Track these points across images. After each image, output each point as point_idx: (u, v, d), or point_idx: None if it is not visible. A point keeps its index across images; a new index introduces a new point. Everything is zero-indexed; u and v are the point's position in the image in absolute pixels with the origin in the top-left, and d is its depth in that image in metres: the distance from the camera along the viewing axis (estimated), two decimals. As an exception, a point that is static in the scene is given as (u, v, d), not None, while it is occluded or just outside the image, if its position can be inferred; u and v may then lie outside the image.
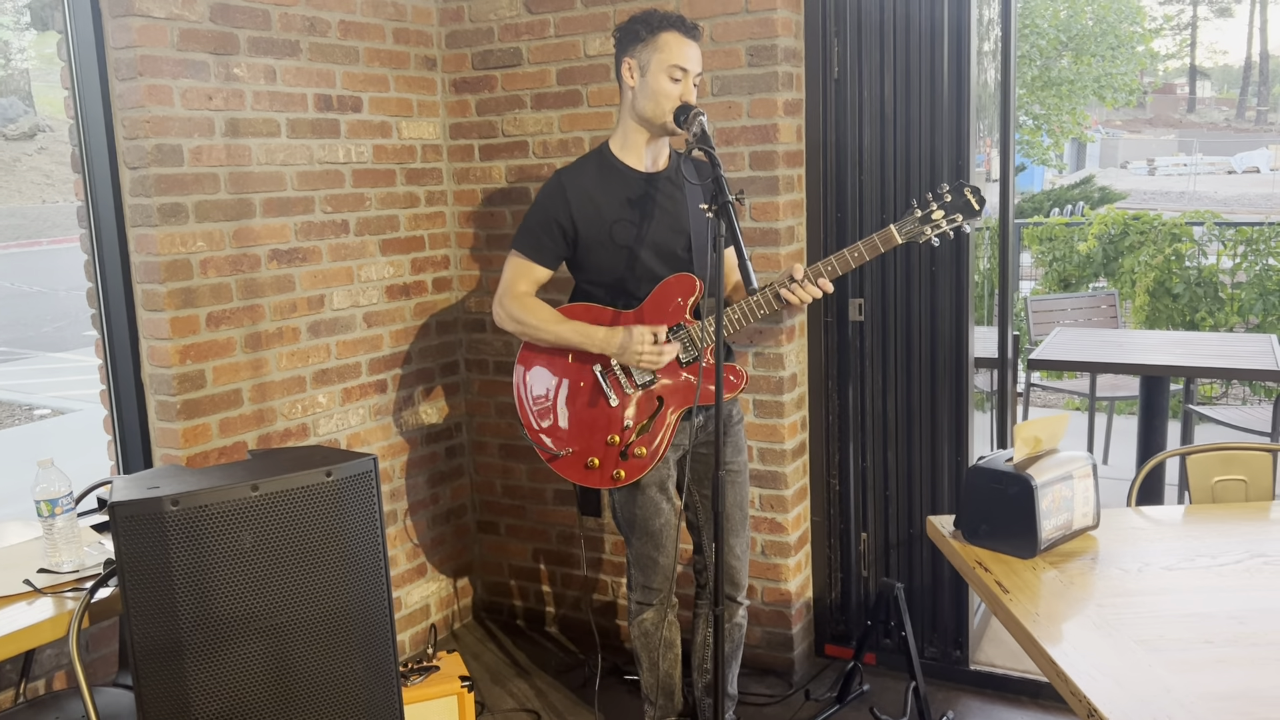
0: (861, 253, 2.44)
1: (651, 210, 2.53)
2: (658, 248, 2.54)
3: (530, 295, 2.61)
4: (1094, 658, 1.63)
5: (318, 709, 1.86)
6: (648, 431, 2.54)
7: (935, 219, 2.44)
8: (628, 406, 2.56)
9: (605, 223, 2.53)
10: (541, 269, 2.60)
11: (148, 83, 2.67)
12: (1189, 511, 2.31)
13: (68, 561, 2.17)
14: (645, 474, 2.56)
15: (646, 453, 2.54)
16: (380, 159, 3.38)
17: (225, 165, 2.88)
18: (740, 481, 2.72)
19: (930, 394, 3.18)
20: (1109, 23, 14.49)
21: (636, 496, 2.63)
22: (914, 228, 2.45)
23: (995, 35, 3.41)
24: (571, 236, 2.56)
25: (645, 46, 2.45)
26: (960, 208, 2.44)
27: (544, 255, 2.59)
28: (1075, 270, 7.14)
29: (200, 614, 1.72)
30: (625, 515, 2.67)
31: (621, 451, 2.55)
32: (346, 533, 1.86)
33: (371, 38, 3.31)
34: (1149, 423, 4.14)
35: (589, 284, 2.62)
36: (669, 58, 2.42)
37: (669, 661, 2.76)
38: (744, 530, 2.75)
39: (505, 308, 2.61)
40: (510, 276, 2.62)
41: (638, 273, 2.54)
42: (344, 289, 3.27)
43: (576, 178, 2.57)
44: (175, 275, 2.77)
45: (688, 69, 2.43)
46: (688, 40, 2.45)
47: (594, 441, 2.57)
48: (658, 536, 2.64)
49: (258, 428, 3.02)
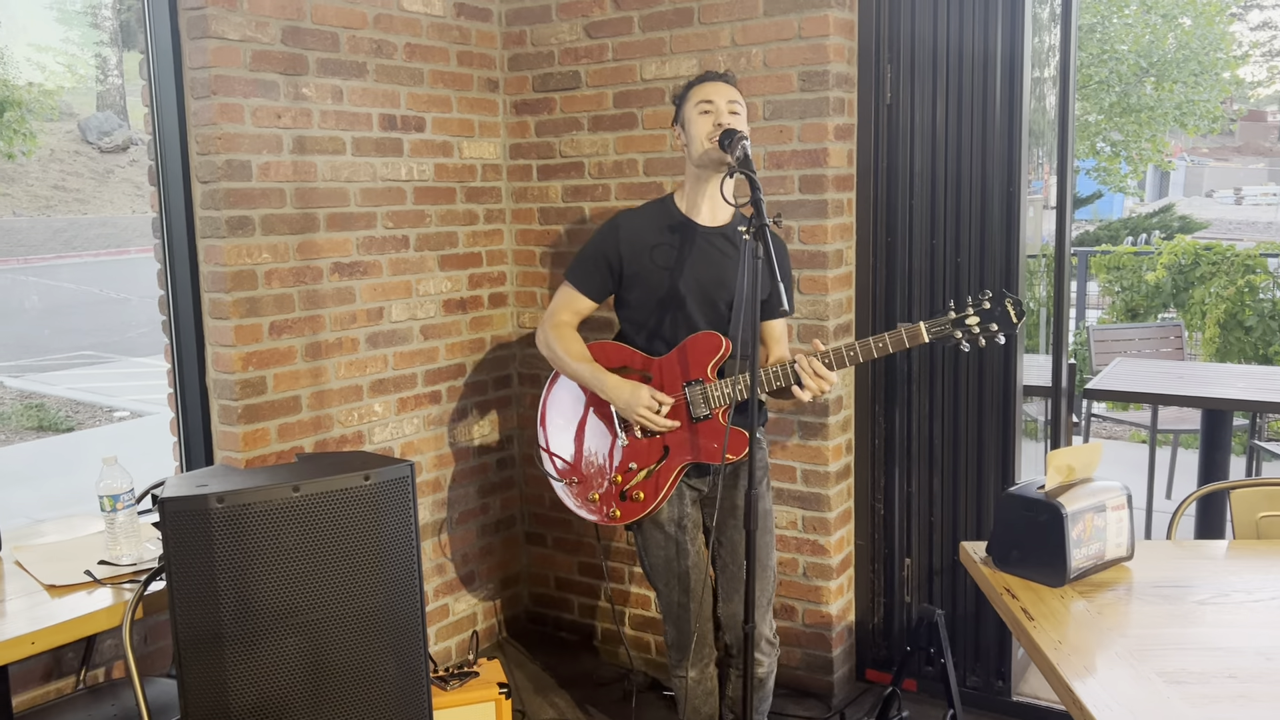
0: (886, 344, 2.38)
1: (700, 261, 2.57)
2: (700, 298, 2.57)
3: (570, 326, 2.68)
4: (1114, 689, 1.62)
5: (349, 704, 1.93)
6: (650, 478, 2.57)
7: (969, 324, 2.36)
8: (636, 449, 2.59)
9: (652, 264, 2.59)
10: (585, 300, 2.68)
11: (221, 101, 2.81)
12: (1231, 546, 2.28)
13: (127, 555, 2.29)
14: (643, 516, 2.59)
15: (645, 497, 2.57)
16: (441, 177, 3.48)
17: (292, 181, 3.00)
18: (762, 530, 2.64)
19: (977, 421, 3.17)
20: (1192, 49, 14.18)
21: (655, 535, 2.64)
22: (945, 330, 2.37)
23: (1055, 62, 3.40)
24: (618, 272, 2.63)
25: (682, 106, 2.58)
26: (997, 318, 2.35)
27: (589, 287, 2.66)
28: (1143, 300, 7.01)
29: (240, 607, 1.80)
30: (652, 561, 2.67)
31: (621, 492, 2.59)
32: (382, 535, 1.93)
33: (436, 60, 3.43)
34: (1210, 457, 4.05)
35: (629, 323, 2.67)
36: (696, 96, 2.54)
37: (710, 706, 2.76)
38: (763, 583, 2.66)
39: (544, 332, 2.70)
40: (556, 305, 2.70)
41: (677, 320, 2.58)
42: (402, 302, 3.38)
43: (633, 218, 2.66)
44: (241, 285, 2.89)
45: (714, 99, 2.51)
46: (713, 81, 2.55)
47: (600, 476, 2.62)
48: (685, 579, 2.63)
49: (315, 434, 3.12)
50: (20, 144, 13.87)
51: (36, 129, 15.43)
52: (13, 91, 13.77)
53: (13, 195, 20.36)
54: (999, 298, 2.36)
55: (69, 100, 23.62)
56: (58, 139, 22.38)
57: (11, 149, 13.77)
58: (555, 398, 2.73)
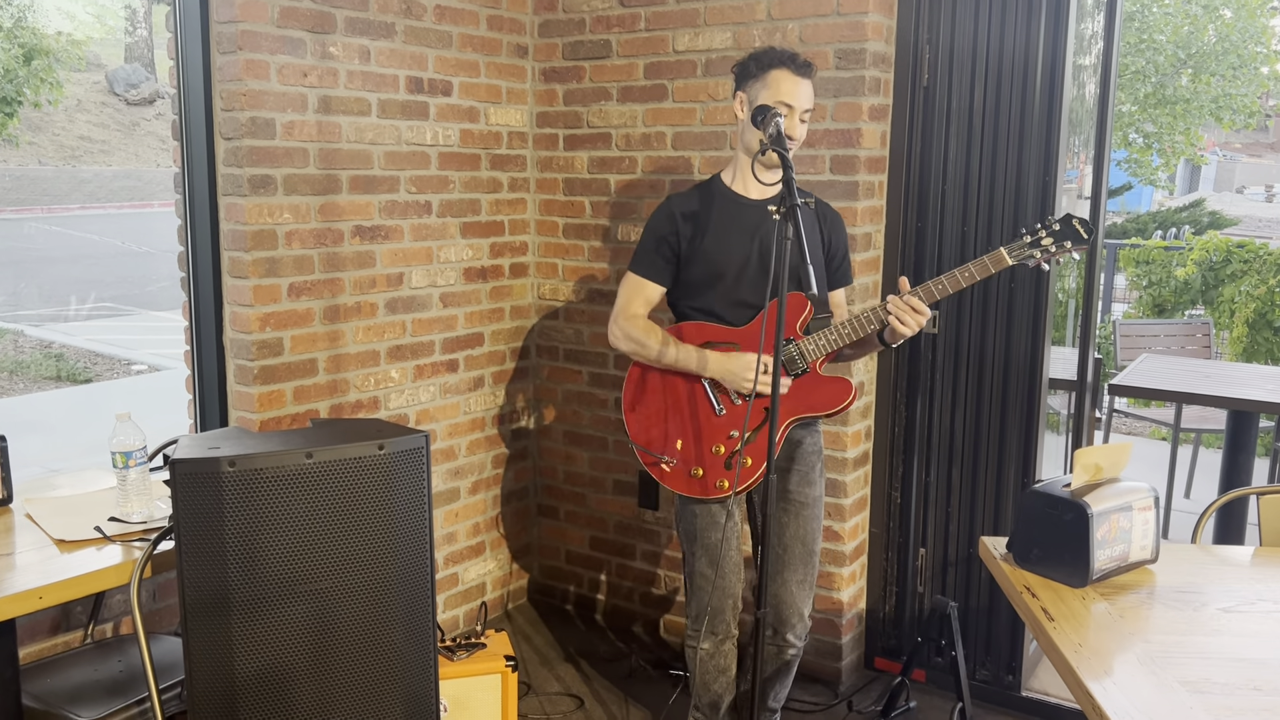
0: (972, 273, 2.42)
1: (754, 234, 2.55)
2: (756, 271, 2.55)
3: (643, 317, 2.65)
4: (1134, 695, 1.58)
5: (355, 673, 1.91)
6: (754, 441, 2.54)
7: (1045, 243, 2.40)
8: (735, 417, 2.57)
9: (707, 241, 2.56)
10: (654, 286, 2.64)
11: (246, 57, 2.77)
12: (1258, 553, 2.24)
13: (137, 512, 2.27)
14: (753, 481, 2.56)
15: (752, 462, 2.54)
16: (466, 143, 3.44)
17: (315, 141, 2.97)
18: (806, 515, 2.66)
19: (1000, 413, 3.12)
20: (1232, 41, 13.92)
21: (694, 506, 2.63)
22: (1024, 251, 2.41)
23: (1097, 50, 3.32)
24: (678, 252, 2.60)
25: (756, 82, 2.48)
26: (1070, 235, 2.40)
27: (656, 272, 2.63)
28: (1171, 296, 6.91)
29: (249, 572, 1.78)
30: (685, 527, 2.67)
31: (726, 461, 2.56)
32: (395, 505, 1.91)
33: (466, 23, 3.37)
34: (1233, 458, 3.99)
35: (688, 302, 2.64)
36: (776, 94, 2.44)
37: (721, 685, 2.75)
38: (804, 567, 2.67)
39: (621, 327, 2.65)
40: (625, 297, 2.66)
41: (733, 296, 2.56)
42: (423, 268, 3.34)
43: (684, 199, 2.63)
44: (261, 244, 2.86)
45: (794, 105, 2.44)
46: (798, 78, 2.46)
47: (700, 451, 2.59)
48: (713, 551, 2.62)
49: (330, 397, 3.10)
50: (47, 93, 13.84)
51: (64, 79, 15.41)
52: (41, 40, 13.72)
53: (39, 144, 20.40)
54: (1066, 220, 2.41)
55: (97, 51, 23.60)
56: (85, 89, 22.39)
57: (38, 97, 13.75)
58: (638, 386, 2.69)
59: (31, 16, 14.33)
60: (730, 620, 2.69)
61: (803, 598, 2.68)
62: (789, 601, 2.67)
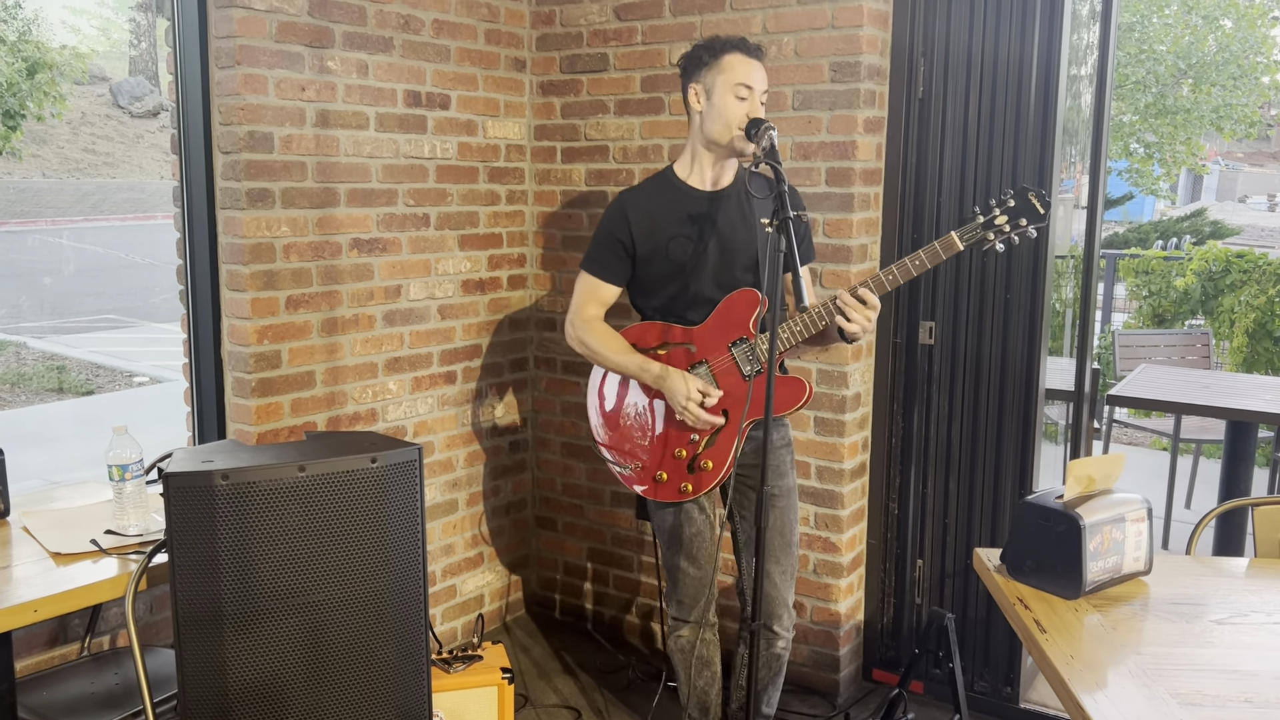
0: (922, 260, 2.35)
1: (710, 228, 2.53)
2: (717, 264, 2.53)
3: (599, 319, 2.64)
4: (1125, 708, 1.58)
5: (348, 686, 1.92)
6: (714, 445, 2.54)
7: (999, 224, 2.33)
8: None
9: (662, 238, 2.55)
10: (608, 287, 2.63)
11: (245, 71, 2.78)
12: (1252, 565, 2.23)
13: (134, 525, 2.28)
14: (715, 484, 2.57)
15: (713, 465, 2.54)
16: (464, 156, 3.45)
17: (313, 155, 2.98)
18: (782, 506, 2.65)
19: (997, 424, 3.12)
20: (1233, 51, 13.95)
21: (667, 503, 2.64)
22: (976, 234, 2.34)
23: (1093, 60, 3.33)
24: (631, 252, 2.58)
25: (710, 70, 2.47)
26: (1025, 212, 2.32)
27: (609, 273, 2.61)
28: (1171, 306, 6.91)
29: (242, 585, 1.79)
30: (658, 522, 2.69)
31: (689, 465, 2.56)
32: (387, 518, 1.91)
33: (464, 37, 3.39)
34: (1232, 469, 3.98)
35: (645, 301, 2.64)
36: (734, 77, 2.43)
37: (705, 679, 2.75)
38: (785, 558, 2.66)
39: (575, 329, 2.65)
40: (579, 299, 2.65)
41: (691, 290, 2.55)
42: (421, 281, 3.36)
43: (636, 196, 2.61)
44: (259, 258, 2.88)
45: (753, 86, 2.44)
46: (751, 60, 2.46)
47: (663, 456, 2.59)
48: (688, 546, 2.64)
49: (328, 410, 3.11)
50: (50, 106, 13.89)
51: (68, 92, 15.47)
52: (45, 53, 13.79)
53: (43, 157, 20.46)
54: (1022, 194, 2.33)
55: (102, 64, 23.70)
56: (89, 102, 22.47)
57: (41, 111, 13.79)
58: (599, 389, 2.70)
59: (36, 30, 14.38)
60: (707, 607, 2.70)
61: (786, 588, 2.68)
62: (773, 594, 2.66)
